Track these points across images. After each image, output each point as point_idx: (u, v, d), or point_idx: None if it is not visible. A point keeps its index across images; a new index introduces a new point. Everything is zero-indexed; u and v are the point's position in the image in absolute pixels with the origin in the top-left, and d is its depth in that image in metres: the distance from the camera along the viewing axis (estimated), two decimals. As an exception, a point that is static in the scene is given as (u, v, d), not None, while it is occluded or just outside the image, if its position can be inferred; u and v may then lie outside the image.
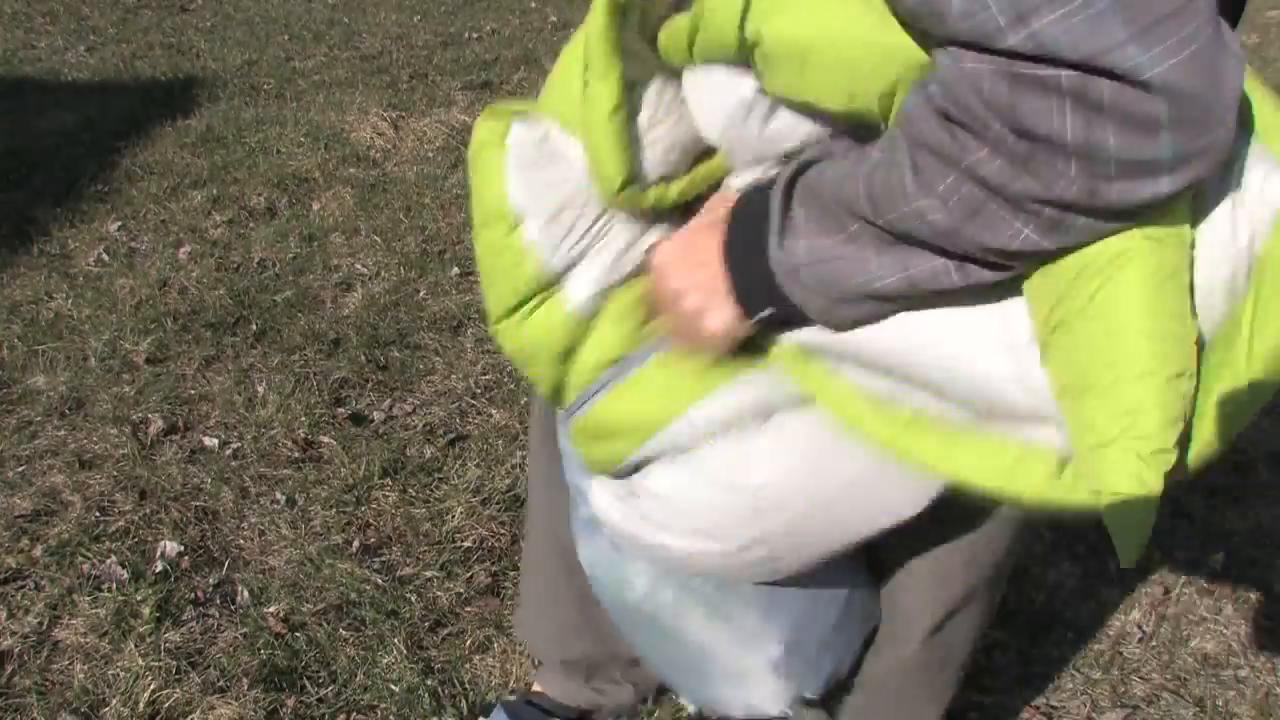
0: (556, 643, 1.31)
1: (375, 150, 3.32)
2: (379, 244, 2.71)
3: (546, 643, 1.33)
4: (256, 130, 3.43)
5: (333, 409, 2.05)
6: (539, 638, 1.34)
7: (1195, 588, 1.69)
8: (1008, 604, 1.64)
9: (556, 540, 1.21)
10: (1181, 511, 1.85)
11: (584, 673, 1.32)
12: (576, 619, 1.25)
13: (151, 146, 3.29)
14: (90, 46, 4.35)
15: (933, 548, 0.98)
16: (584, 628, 1.26)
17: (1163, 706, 1.48)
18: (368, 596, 1.60)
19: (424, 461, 1.90)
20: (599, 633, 1.26)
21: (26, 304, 2.39)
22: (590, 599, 1.21)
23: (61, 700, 1.41)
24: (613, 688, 1.33)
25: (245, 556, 1.68)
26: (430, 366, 2.21)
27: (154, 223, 2.81)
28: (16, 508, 1.75)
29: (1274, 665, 1.55)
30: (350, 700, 1.43)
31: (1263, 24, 5.14)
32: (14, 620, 1.54)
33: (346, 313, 2.40)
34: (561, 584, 1.24)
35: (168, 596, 1.58)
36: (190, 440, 1.95)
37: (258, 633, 1.53)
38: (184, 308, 2.38)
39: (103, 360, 2.18)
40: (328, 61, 4.24)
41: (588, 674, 1.32)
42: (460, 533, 1.73)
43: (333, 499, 1.80)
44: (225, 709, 1.40)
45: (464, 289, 2.52)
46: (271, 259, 2.62)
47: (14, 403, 2.04)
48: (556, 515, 1.16)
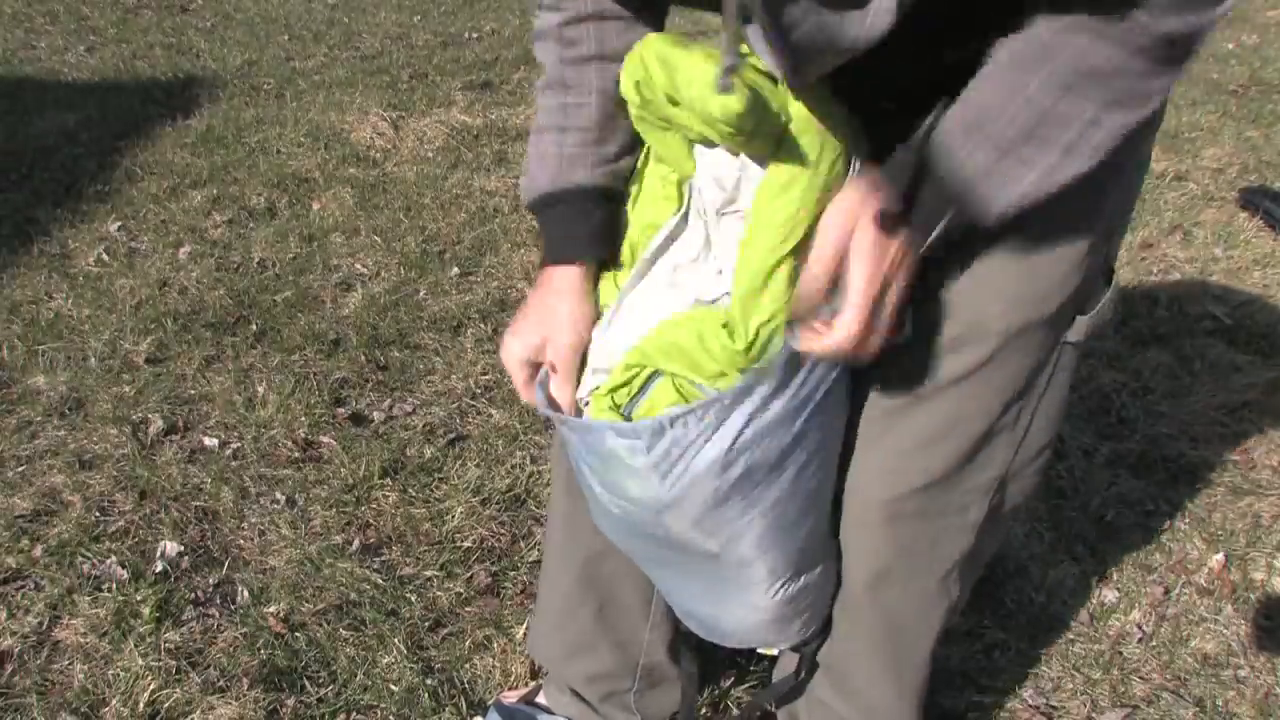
0: (570, 657, 1.27)
1: (375, 150, 3.32)
2: (379, 244, 2.71)
3: (560, 658, 1.29)
4: (256, 130, 3.43)
5: (333, 409, 2.05)
6: (553, 652, 1.30)
7: (1195, 588, 1.69)
8: (1007, 604, 1.64)
9: (576, 550, 1.20)
10: (1181, 511, 1.85)
11: (598, 694, 1.29)
12: (591, 631, 1.23)
13: (151, 146, 3.29)
14: (90, 46, 4.35)
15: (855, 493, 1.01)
16: (599, 641, 1.23)
17: (1163, 706, 1.48)
18: (368, 596, 1.60)
19: (424, 461, 1.90)
20: (615, 642, 1.24)
21: (26, 304, 2.39)
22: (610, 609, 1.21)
23: (61, 700, 1.41)
24: (622, 715, 1.30)
25: (245, 556, 1.68)
26: (430, 366, 2.21)
27: (154, 223, 2.81)
28: (16, 508, 1.75)
29: (1274, 665, 1.55)
30: (350, 700, 1.43)
31: (1263, 24, 5.14)
32: (14, 620, 1.54)
33: (346, 313, 2.40)
34: (576, 597, 1.22)
35: (168, 596, 1.58)
36: (190, 440, 1.95)
37: (258, 633, 1.53)
38: (184, 308, 2.38)
39: (103, 360, 2.18)
40: (328, 61, 4.24)
41: (601, 697, 1.29)
42: (460, 533, 1.73)
43: (333, 499, 1.80)
44: (225, 709, 1.40)
45: (464, 289, 2.52)
46: (271, 259, 2.62)
47: (14, 403, 2.04)
48: (576, 523, 1.15)
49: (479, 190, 3.04)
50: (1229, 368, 2.24)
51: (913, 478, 0.97)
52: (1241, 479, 1.93)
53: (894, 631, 1.10)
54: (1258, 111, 3.86)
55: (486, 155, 3.30)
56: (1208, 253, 2.77)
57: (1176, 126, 3.66)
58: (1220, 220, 2.94)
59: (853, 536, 1.04)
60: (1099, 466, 1.94)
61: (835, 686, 1.18)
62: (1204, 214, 2.99)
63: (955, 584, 1.06)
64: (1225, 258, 2.74)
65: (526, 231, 2.78)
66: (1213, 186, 3.18)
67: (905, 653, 1.12)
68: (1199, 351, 2.29)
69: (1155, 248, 2.80)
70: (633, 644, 1.24)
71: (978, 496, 0.99)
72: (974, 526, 1.01)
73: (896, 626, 1.09)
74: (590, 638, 1.24)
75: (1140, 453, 1.98)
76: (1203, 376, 2.21)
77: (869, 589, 1.06)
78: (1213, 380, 2.20)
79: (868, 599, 1.07)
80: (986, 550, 1.09)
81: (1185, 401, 2.13)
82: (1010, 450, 0.98)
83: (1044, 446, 1.01)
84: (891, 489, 0.98)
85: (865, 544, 1.04)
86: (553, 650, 1.30)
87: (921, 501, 0.98)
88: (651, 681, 1.27)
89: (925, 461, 0.96)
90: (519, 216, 2.89)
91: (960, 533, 1.01)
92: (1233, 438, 2.03)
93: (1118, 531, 1.80)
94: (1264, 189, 3.05)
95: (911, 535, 1.01)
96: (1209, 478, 1.93)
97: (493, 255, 2.67)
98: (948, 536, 1.01)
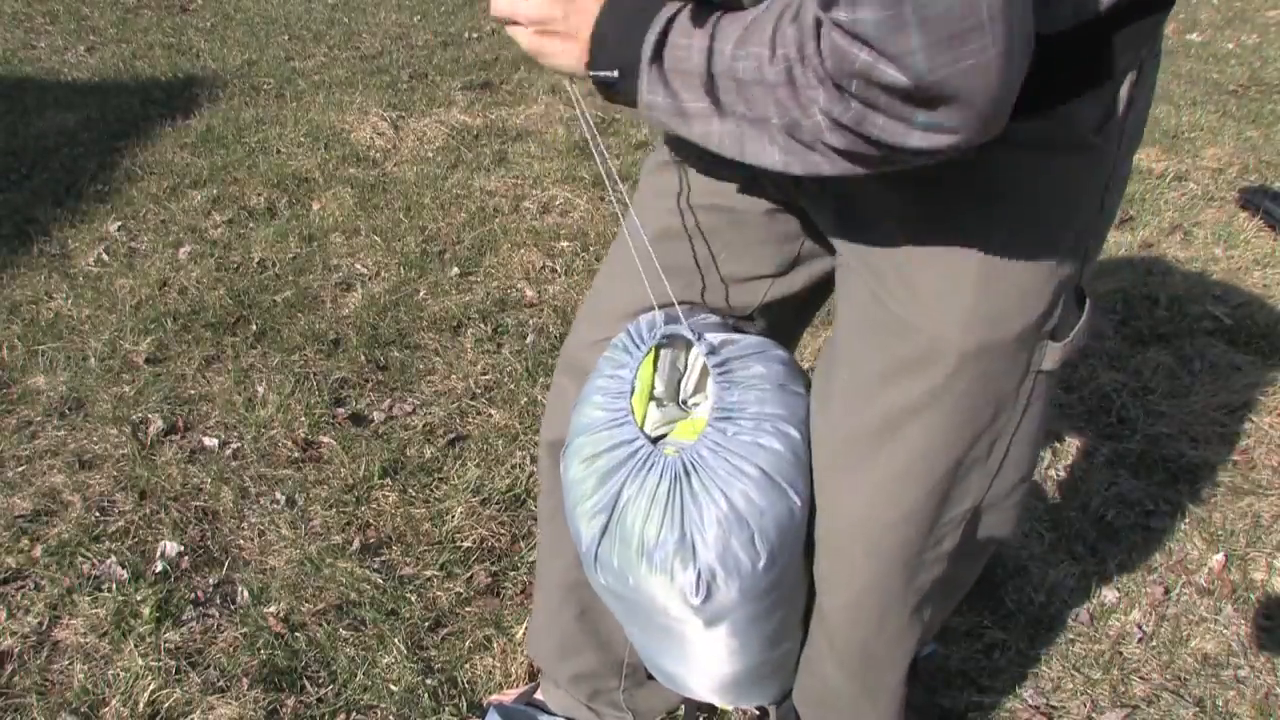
0: (559, 658, 1.31)
1: (375, 150, 3.32)
2: (379, 244, 2.71)
3: (550, 657, 1.33)
4: (256, 130, 3.43)
5: (333, 409, 2.05)
6: (544, 651, 1.34)
7: (1195, 588, 1.69)
8: (1007, 604, 1.64)
9: (557, 556, 1.23)
10: (1181, 511, 1.85)
11: (586, 693, 1.32)
12: (575, 632, 1.26)
13: (151, 146, 3.29)
14: (90, 46, 4.35)
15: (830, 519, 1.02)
16: (583, 642, 1.27)
17: (1163, 706, 1.48)
18: (368, 596, 1.60)
19: (424, 461, 1.90)
20: (599, 643, 1.26)
21: (26, 304, 2.39)
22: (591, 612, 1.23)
23: (61, 700, 1.41)
24: (612, 713, 1.33)
25: (245, 556, 1.68)
26: (430, 366, 2.21)
27: (154, 223, 2.81)
28: (16, 508, 1.75)
29: (1274, 665, 1.55)
30: (350, 700, 1.43)
31: (1263, 24, 5.14)
32: (14, 620, 1.54)
33: (346, 313, 2.40)
34: (559, 600, 1.25)
35: (168, 596, 1.58)
36: (190, 440, 1.95)
37: (258, 633, 1.53)
38: (184, 308, 2.38)
39: (103, 360, 2.18)
40: (328, 61, 4.24)
41: (590, 695, 1.32)
42: (460, 533, 1.73)
43: (333, 499, 1.80)
44: (225, 709, 1.40)
45: (464, 289, 2.52)
46: (271, 259, 2.62)
47: (14, 403, 2.04)
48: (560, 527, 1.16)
49: (479, 190, 3.04)
50: (1229, 368, 2.24)
51: (887, 512, 0.97)
52: (1241, 479, 1.93)
53: (868, 660, 1.10)
54: (1258, 111, 3.86)
55: (486, 155, 3.30)
56: (1208, 253, 2.77)
57: (1176, 126, 3.66)
58: (1220, 220, 2.94)
59: (828, 567, 1.04)
60: (1099, 466, 1.94)
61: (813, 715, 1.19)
62: (1204, 214, 2.99)
63: (928, 613, 1.06)
64: (1225, 258, 2.74)
65: (526, 231, 2.78)
66: (1213, 186, 3.17)
67: (879, 680, 1.12)
68: (1199, 351, 2.29)
69: (1155, 248, 2.80)
70: (616, 643, 1.27)
71: (951, 529, 0.99)
72: (948, 556, 1.01)
73: (870, 655, 1.09)
74: (575, 639, 1.27)
75: (1140, 453, 1.98)
76: (1203, 376, 2.21)
77: (844, 618, 1.06)
78: (1213, 380, 2.20)
79: (843, 628, 1.07)
80: (964, 579, 1.09)
81: (1185, 401, 2.13)
82: (985, 481, 0.97)
83: (1021, 480, 1.00)
84: (866, 522, 0.98)
85: (841, 574, 1.03)
86: (544, 649, 1.33)
87: (898, 534, 0.97)
88: (638, 680, 1.30)
89: (899, 495, 0.96)
90: (519, 216, 2.89)
91: (935, 563, 1.01)
92: (1233, 438, 2.03)
93: (1118, 531, 1.80)
94: (1264, 189, 3.05)
95: (887, 567, 1.00)
96: (1209, 478, 1.93)
97: (493, 255, 2.67)
98: (924, 568, 1.01)
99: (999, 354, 0.89)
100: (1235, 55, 4.60)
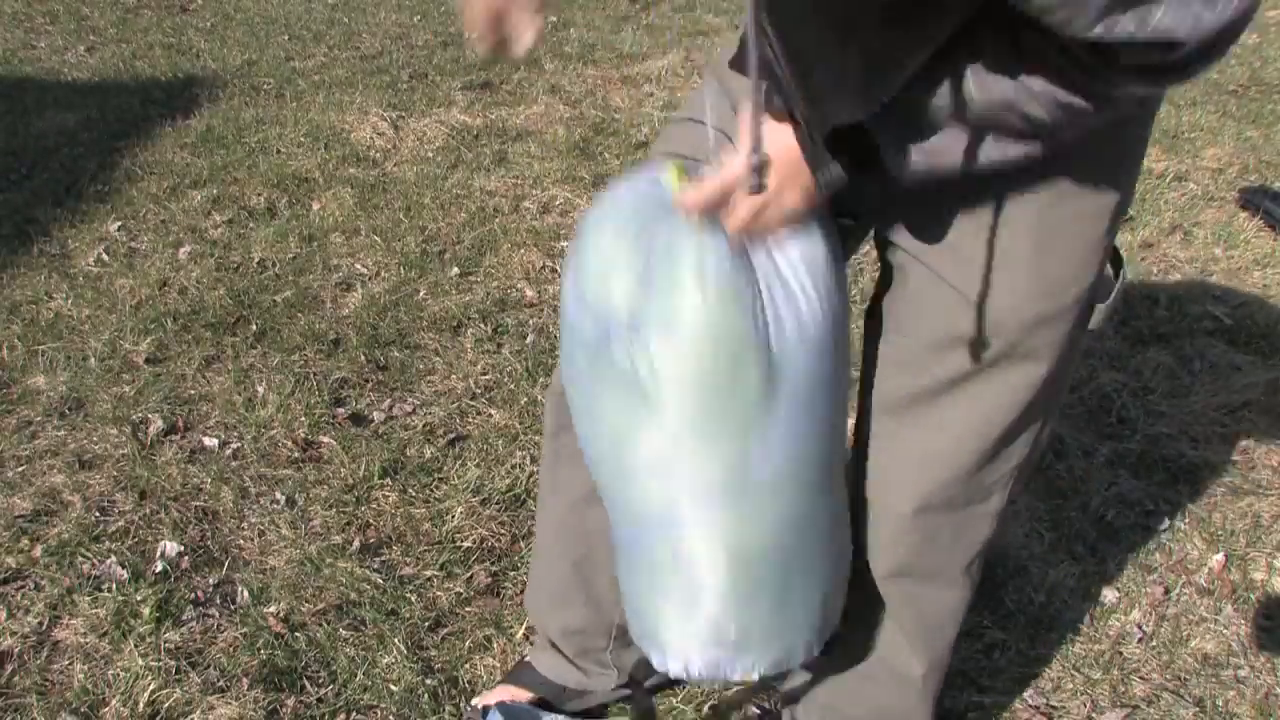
0: (550, 610, 1.34)
1: (375, 150, 3.32)
2: (379, 244, 2.71)
3: (543, 609, 1.37)
4: (256, 130, 3.43)
5: (333, 409, 2.05)
6: (538, 604, 1.38)
7: (1195, 588, 1.69)
8: (1007, 604, 1.64)
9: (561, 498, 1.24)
10: (1181, 511, 1.85)
11: (574, 649, 1.35)
12: (569, 582, 1.29)
13: (151, 146, 3.29)
14: (90, 46, 4.35)
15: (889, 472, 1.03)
16: (575, 594, 1.29)
17: (1163, 706, 1.48)
18: (368, 596, 1.60)
19: (424, 461, 1.90)
20: (590, 597, 1.29)
21: (26, 304, 2.39)
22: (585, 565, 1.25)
23: (61, 700, 1.41)
24: (598, 670, 1.36)
25: (245, 556, 1.68)
26: (430, 366, 2.21)
27: (154, 223, 2.81)
28: (16, 508, 1.75)
29: (1274, 665, 1.55)
30: (350, 700, 1.43)
31: (1263, 24, 5.14)
32: (14, 620, 1.54)
33: (346, 313, 2.40)
34: (558, 546, 1.28)
35: (168, 596, 1.58)
36: (190, 440, 1.95)
37: (258, 633, 1.53)
38: (184, 308, 2.38)
39: (103, 360, 2.18)
40: (328, 61, 4.24)
41: (577, 651, 1.35)
42: (460, 533, 1.74)
43: (333, 499, 1.80)
44: (225, 709, 1.40)
45: (464, 289, 2.52)
46: (271, 259, 2.62)
47: (14, 403, 2.04)
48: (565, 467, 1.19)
49: (479, 190, 3.03)
50: (1229, 368, 2.24)
51: (941, 472, 0.99)
52: (1241, 479, 1.93)
53: (921, 624, 1.11)
54: (1258, 111, 3.86)
55: (486, 155, 3.30)
56: (1208, 253, 2.77)
57: (1176, 126, 3.66)
58: (1220, 220, 2.94)
59: (876, 532, 1.06)
60: (1099, 466, 1.94)
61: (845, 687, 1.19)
62: (1204, 214, 2.99)
63: (977, 572, 1.09)
64: (1225, 258, 2.74)
65: (526, 231, 2.78)
66: (1213, 186, 3.17)
67: (932, 644, 1.13)
68: (1199, 351, 2.29)
69: (1155, 248, 2.80)
70: (606, 602, 1.28)
71: (1000, 487, 1.02)
72: (996, 514, 1.03)
73: (923, 617, 1.11)
74: (568, 590, 1.29)
75: (1140, 453, 1.98)
76: (1203, 376, 2.21)
77: (893, 584, 1.08)
78: (1213, 380, 2.20)
79: (893, 594, 1.09)
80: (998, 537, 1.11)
81: (1185, 401, 2.13)
82: (1032, 439, 1.00)
83: (1054, 434, 1.03)
84: (920, 484, 1.00)
85: (890, 538, 1.05)
86: (538, 602, 1.37)
87: (949, 494, 1.00)
88: (626, 641, 1.31)
89: (955, 456, 0.98)
90: (519, 216, 2.89)
91: (983, 520, 1.03)
92: (1233, 438, 2.04)
93: (1118, 531, 1.80)
94: (1264, 189, 3.05)
95: (937, 527, 1.03)
96: (1209, 478, 1.93)
97: (493, 255, 2.67)
98: (971, 525, 1.03)
99: (1056, 321, 0.92)
100: (1235, 55, 4.60)
